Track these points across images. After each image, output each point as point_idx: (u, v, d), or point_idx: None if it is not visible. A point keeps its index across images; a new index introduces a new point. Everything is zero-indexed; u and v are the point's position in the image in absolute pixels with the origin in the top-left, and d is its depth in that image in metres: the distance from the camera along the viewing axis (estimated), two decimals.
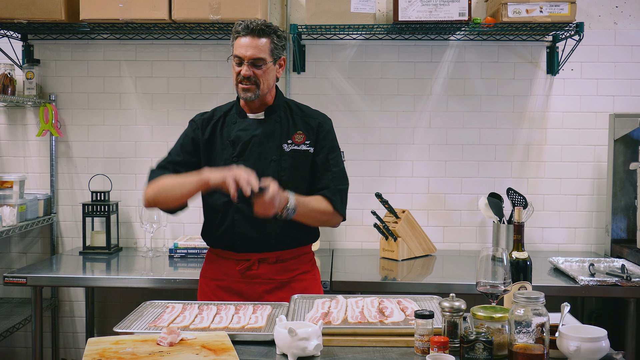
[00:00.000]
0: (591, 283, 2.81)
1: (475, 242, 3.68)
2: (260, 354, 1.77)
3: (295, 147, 2.40)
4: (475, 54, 3.65)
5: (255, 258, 2.40)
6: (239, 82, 2.35)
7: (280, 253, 2.41)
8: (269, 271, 2.40)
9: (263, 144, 2.40)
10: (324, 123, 2.46)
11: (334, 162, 2.43)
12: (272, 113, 2.43)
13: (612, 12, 3.62)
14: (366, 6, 3.26)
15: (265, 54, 2.34)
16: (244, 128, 2.42)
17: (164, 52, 3.69)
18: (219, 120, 2.47)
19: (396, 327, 1.86)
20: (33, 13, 3.29)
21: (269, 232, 2.36)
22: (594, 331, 1.71)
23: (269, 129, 2.41)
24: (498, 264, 1.83)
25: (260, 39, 2.33)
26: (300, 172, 2.40)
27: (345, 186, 2.45)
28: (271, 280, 2.39)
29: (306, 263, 2.49)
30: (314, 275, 2.52)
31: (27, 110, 3.74)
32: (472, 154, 3.67)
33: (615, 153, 3.44)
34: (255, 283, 2.39)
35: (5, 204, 3.28)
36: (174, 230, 3.71)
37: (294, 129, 2.43)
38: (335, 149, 2.47)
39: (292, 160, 2.39)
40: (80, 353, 3.77)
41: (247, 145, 2.40)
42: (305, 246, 2.49)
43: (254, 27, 2.32)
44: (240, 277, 2.41)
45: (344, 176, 2.46)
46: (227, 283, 2.42)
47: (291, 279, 2.42)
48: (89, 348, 1.70)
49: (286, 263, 2.42)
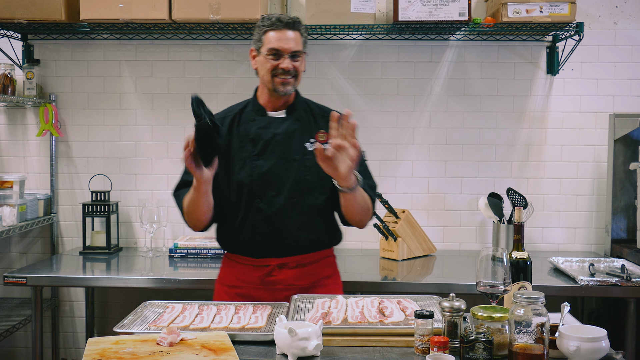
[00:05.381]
0: (591, 283, 2.81)
1: (475, 242, 3.68)
2: (260, 354, 1.77)
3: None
4: (475, 54, 3.65)
5: (275, 263, 2.32)
6: (276, 75, 2.28)
7: (300, 257, 2.33)
8: (289, 277, 2.32)
9: (286, 142, 2.32)
10: None
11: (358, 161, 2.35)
12: (294, 111, 2.37)
13: (612, 12, 3.62)
14: (366, 6, 3.26)
15: (301, 46, 2.31)
16: (264, 126, 2.34)
17: (164, 52, 3.69)
18: (235, 118, 2.38)
19: (396, 327, 1.86)
20: (33, 13, 3.29)
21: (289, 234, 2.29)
22: (594, 331, 1.71)
23: (291, 127, 2.34)
24: (498, 264, 1.83)
25: (295, 32, 2.29)
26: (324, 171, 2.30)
27: (373, 183, 2.40)
28: (292, 286, 2.31)
29: (327, 267, 2.42)
30: (335, 280, 2.45)
31: (27, 110, 3.74)
32: (472, 154, 3.67)
33: (615, 153, 3.44)
34: (276, 289, 2.31)
35: (5, 204, 3.28)
36: (174, 230, 3.71)
37: (317, 127, 2.37)
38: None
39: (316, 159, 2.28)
40: (80, 353, 3.77)
41: (268, 143, 2.32)
42: (326, 250, 2.41)
43: (288, 21, 2.28)
44: (259, 283, 2.33)
45: (369, 175, 2.41)
46: (246, 290, 2.34)
47: (313, 284, 2.34)
48: (89, 348, 1.70)
49: (307, 268, 2.34)
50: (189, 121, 3.66)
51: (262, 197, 2.31)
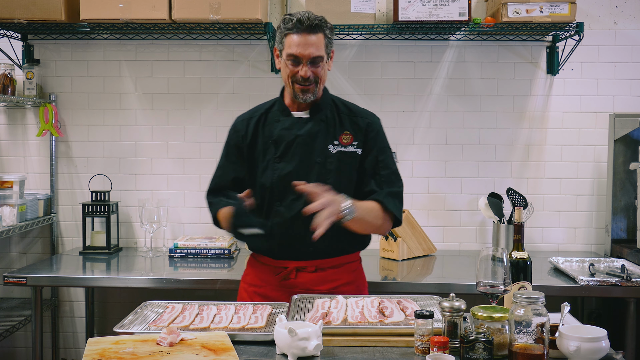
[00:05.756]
0: (591, 283, 2.81)
1: (475, 242, 3.68)
2: (260, 354, 1.77)
3: (342, 148, 2.26)
4: (475, 54, 3.65)
5: (293, 266, 2.27)
6: (295, 81, 2.21)
7: (319, 262, 2.27)
8: (307, 281, 2.26)
9: (308, 145, 2.25)
10: (373, 122, 2.31)
11: (384, 164, 2.28)
12: (318, 111, 2.28)
13: (612, 12, 3.62)
14: (366, 6, 3.26)
15: (322, 50, 2.19)
16: (287, 127, 2.27)
17: (164, 52, 3.69)
18: (261, 118, 2.32)
19: (396, 327, 1.86)
20: (33, 13, 3.29)
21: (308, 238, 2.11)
22: (594, 331, 1.71)
23: (314, 128, 2.26)
24: (498, 264, 1.83)
25: (317, 35, 2.18)
26: (346, 175, 2.26)
27: (399, 189, 2.29)
28: (309, 290, 2.24)
29: (349, 273, 2.33)
30: (357, 287, 2.35)
31: (27, 110, 3.74)
32: (472, 154, 3.67)
33: (615, 153, 3.44)
34: (294, 292, 2.22)
35: (5, 204, 3.28)
36: (174, 230, 3.71)
37: (341, 129, 2.28)
38: (385, 149, 2.31)
39: (338, 162, 2.24)
40: (80, 353, 3.77)
41: (290, 145, 2.25)
42: (348, 255, 2.33)
43: (309, 23, 2.17)
44: (278, 285, 2.28)
45: (397, 178, 2.30)
46: (264, 290, 2.31)
47: (331, 290, 2.26)
48: (89, 348, 1.70)
49: (326, 272, 2.27)
50: (189, 121, 3.69)
51: (283, 200, 2.26)
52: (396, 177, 2.31)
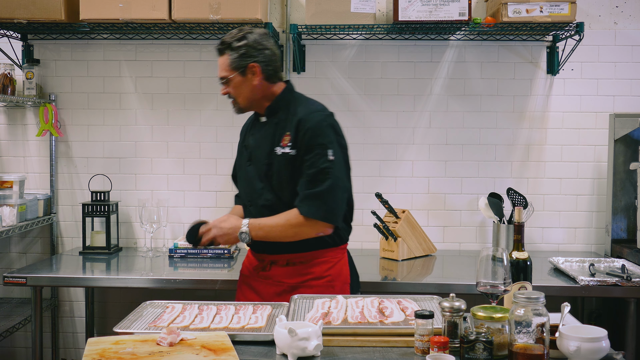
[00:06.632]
0: (591, 283, 2.81)
1: (475, 242, 3.68)
2: (260, 354, 1.77)
3: (282, 150, 2.33)
4: (475, 54, 3.64)
5: (268, 259, 2.44)
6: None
7: (290, 256, 2.40)
8: (279, 273, 2.41)
9: (260, 148, 2.40)
10: (305, 120, 2.30)
11: (310, 163, 2.27)
12: (273, 114, 2.42)
13: (612, 12, 3.62)
14: (366, 6, 3.26)
15: (225, 71, 2.38)
16: (253, 132, 2.48)
17: (164, 52, 3.69)
18: (248, 127, 2.56)
19: (396, 327, 1.86)
20: (33, 13, 3.29)
21: None
22: (594, 331, 1.71)
23: (267, 132, 2.40)
24: (498, 264, 1.83)
25: (222, 57, 2.38)
26: (285, 176, 2.32)
27: (320, 188, 2.24)
28: (281, 282, 2.40)
29: (318, 268, 2.39)
30: (329, 282, 2.39)
31: (27, 110, 3.74)
32: (472, 154, 3.67)
33: (615, 153, 3.44)
34: (268, 284, 2.43)
35: (5, 204, 3.28)
36: (174, 230, 3.71)
37: (285, 130, 2.34)
38: (313, 147, 2.27)
39: (278, 164, 2.32)
40: (80, 353, 3.76)
41: (252, 149, 2.44)
42: (319, 251, 2.39)
43: (217, 47, 2.38)
44: (257, 276, 2.47)
45: (322, 177, 2.25)
46: (250, 280, 2.50)
47: (300, 283, 2.37)
48: (89, 348, 1.70)
49: (296, 267, 2.40)
50: (189, 121, 3.69)
51: (250, 201, 2.47)
52: (324, 175, 2.26)
